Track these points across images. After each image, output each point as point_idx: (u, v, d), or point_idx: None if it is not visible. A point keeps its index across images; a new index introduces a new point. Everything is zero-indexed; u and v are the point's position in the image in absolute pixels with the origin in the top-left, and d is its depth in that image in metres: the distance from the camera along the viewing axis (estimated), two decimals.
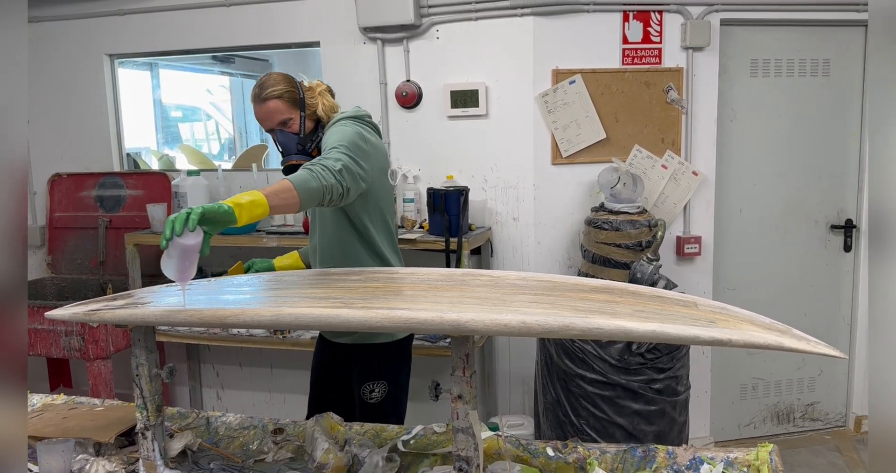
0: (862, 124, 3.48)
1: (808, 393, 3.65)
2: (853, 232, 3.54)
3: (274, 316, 1.23)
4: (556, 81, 3.13)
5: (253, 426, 1.83)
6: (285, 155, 2.14)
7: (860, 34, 3.41)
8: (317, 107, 2.16)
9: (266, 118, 2.11)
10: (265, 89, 2.08)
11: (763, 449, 1.44)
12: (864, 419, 3.61)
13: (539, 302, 1.33)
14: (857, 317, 3.59)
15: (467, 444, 1.35)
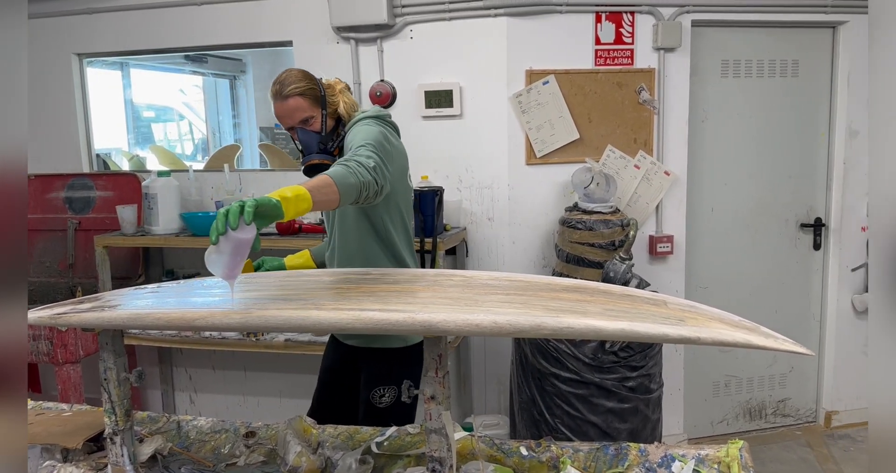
0: (830, 124, 3.54)
1: (780, 390, 3.70)
2: (822, 230, 3.60)
3: (243, 319, 1.21)
4: (530, 82, 3.14)
5: (224, 429, 1.81)
6: (306, 154, 2.09)
7: (828, 35, 3.47)
8: (338, 106, 2.12)
9: (287, 116, 2.06)
10: (286, 86, 2.04)
11: (733, 446, 1.45)
12: (833, 414, 3.67)
13: (511, 301, 1.33)
14: (826, 314, 3.65)
15: (440, 445, 1.35)
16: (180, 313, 1.31)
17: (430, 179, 3.18)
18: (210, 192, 3.45)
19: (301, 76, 2.08)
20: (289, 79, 2.05)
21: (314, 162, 2.06)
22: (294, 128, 2.08)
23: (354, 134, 2.00)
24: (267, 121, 5.03)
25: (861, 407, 3.69)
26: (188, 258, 3.58)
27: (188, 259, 3.58)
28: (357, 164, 1.71)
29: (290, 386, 3.57)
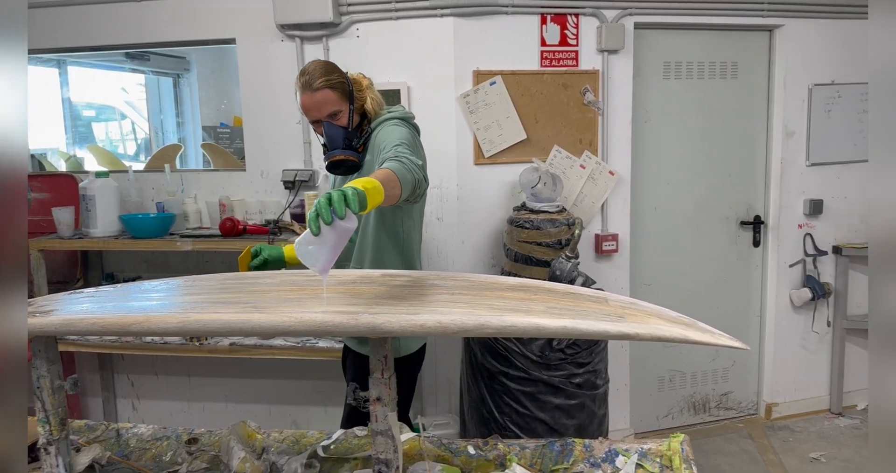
0: (768, 124, 3.66)
1: (722, 383, 3.80)
2: (761, 227, 3.72)
3: (180, 323, 1.18)
4: (478, 82, 3.15)
5: (166, 436, 1.77)
6: (331, 148, 2.04)
7: (765, 38, 3.58)
8: (365, 102, 2.08)
9: (315, 108, 2.01)
10: (317, 78, 1.99)
11: (675, 440, 1.48)
12: (773, 406, 3.79)
13: (456, 301, 1.34)
14: (766, 309, 3.77)
15: (387, 447, 1.34)
16: (115, 318, 1.27)
17: None
18: (151, 193, 3.36)
19: (331, 68, 2.03)
20: (319, 71, 2.00)
21: (339, 157, 2.02)
22: (320, 121, 2.03)
23: (387, 133, 1.99)
24: (211, 120, 4.92)
25: (799, 399, 3.82)
26: (129, 261, 3.48)
27: (129, 262, 3.48)
28: (410, 162, 1.71)
29: (236, 391, 3.50)
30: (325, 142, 2.05)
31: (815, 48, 3.55)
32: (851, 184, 3.72)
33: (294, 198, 3.17)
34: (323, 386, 3.42)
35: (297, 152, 3.25)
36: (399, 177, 1.58)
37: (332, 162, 2.04)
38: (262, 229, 3.00)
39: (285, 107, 3.23)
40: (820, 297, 3.68)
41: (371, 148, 2.07)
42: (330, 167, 2.06)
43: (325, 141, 2.05)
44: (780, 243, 3.67)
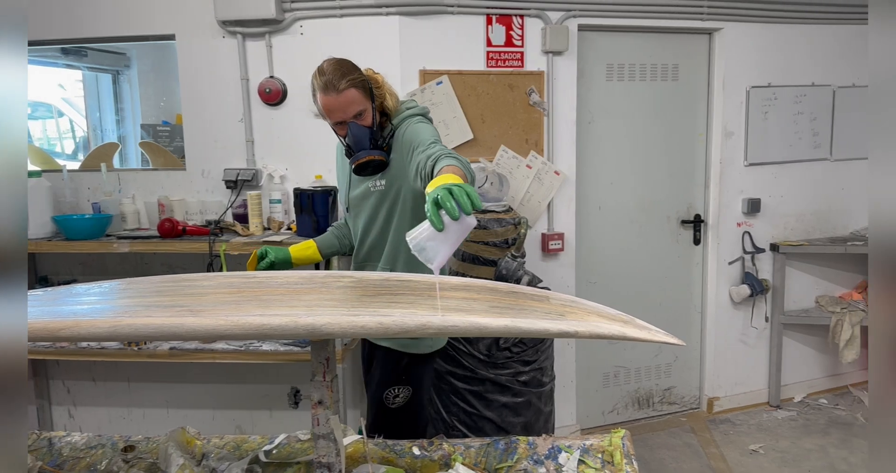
0: (707, 125, 3.75)
1: (665, 379, 3.89)
2: (701, 226, 3.81)
3: (111, 328, 1.14)
4: (424, 82, 3.14)
5: (101, 444, 1.71)
6: (358, 149, 1.97)
7: (705, 41, 3.67)
8: (385, 99, 2.03)
9: (341, 109, 1.94)
10: (341, 77, 1.92)
11: (616, 435, 1.50)
12: (715, 400, 3.89)
13: (399, 302, 1.32)
14: (706, 305, 3.87)
15: (329, 450, 1.33)
16: (43, 323, 1.22)
17: (324, 179, 3.13)
18: (86, 193, 3.25)
19: (352, 66, 1.98)
20: (341, 70, 1.94)
21: (370, 158, 1.96)
22: (344, 122, 1.96)
23: (416, 131, 1.96)
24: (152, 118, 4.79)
25: (739, 393, 3.94)
26: (63, 263, 3.35)
27: (63, 264, 3.35)
28: (464, 159, 1.71)
29: (177, 397, 3.41)
30: (351, 143, 1.98)
31: (753, 51, 3.66)
32: (787, 183, 3.85)
33: (236, 197, 3.10)
34: (268, 389, 3.36)
35: (240, 151, 3.19)
36: (466, 174, 1.61)
37: (363, 163, 1.97)
38: (203, 230, 2.92)
39: (227, 104, 3.16)
40: (758, 293, 3.79)
41: (398, 146, 2.01)
42: (358, 168, 1.99)
43: (349, 141, 1.99)
44: (719, 241, 3.77)
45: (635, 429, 3.72)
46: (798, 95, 3.79)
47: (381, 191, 2.06)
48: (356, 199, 2.15)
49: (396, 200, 2.05)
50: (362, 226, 2.15)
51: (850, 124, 3.93)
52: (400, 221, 2.06)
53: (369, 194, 2.09)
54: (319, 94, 1.96)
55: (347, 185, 2.20)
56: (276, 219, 3.05)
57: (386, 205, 2.07)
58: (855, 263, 4.09)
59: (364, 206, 2.13)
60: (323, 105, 1.96)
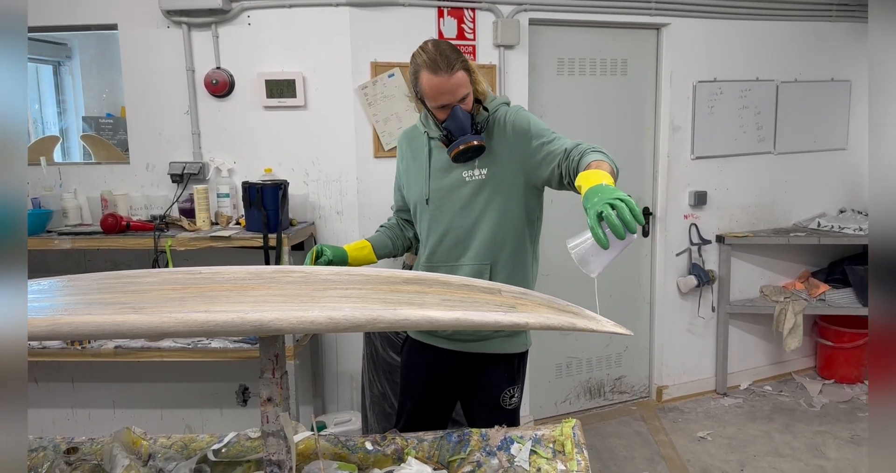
0: (655, 119, 3.81)
1: (616, 368, 3.95)
2: (650, 218, 3.88)
3: (49, 327, 1.10)
4: (376, 74, 3.12)
5: (42, 447, 1.66)
6: (458, 135, 1.85)
7: (653, 36, 3.73)
8: (480, 84, 1.92)
9: (451, 91, 1.82)
10: (453, 59, 1.81)
11: (567, 425, 1.52)
12: (664, 389, 3.97)
13: (349, 296, 1.31)
14: (654, 296, 3.94)
15: (279, 448, 1.30)
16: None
17: (274, 172, 3.08)
18: (25, 188, 3.13)
19: (457, 48, 1.86)
20: (451, 51, 1.83)
21: (472, 144, 1.85)
22: (449, 105, 1.85)
23: (528, 118, 1.92)
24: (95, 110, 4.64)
25: (687, 381, 4.03)
26: None
27: None
28: (607, 152, 1.69)
29: (124, 396, 3.33)
30: (452, 128, 1.86)
31: (699, 46, 3.74)
32: (732, 176, 3.95)
33: (182, 191, 3.03)
34: (217, 387, 3.30)
35: (186, 144, 3.11)
36: (614, 168, 1.61)
37: (465, 148, 1.85)
38: (148, 225, 2.85)
39: (172, 96, 3.08)
40: (705, 284, 3.89)
41: (499, 132, 1.93)
42: (459, 154, 1.87)
43: (451, 126, 1.86)
44: (667, 233, 3.85)
45: (587, 419, 3.77)
46: (743, 90, 3.89)
47: (480, 180, 1.94)
48: (442, 191, 1.99)
49: (498, 189, 1.93)
50: (447, 221, 1.99)
51: (793, 118, 4.05)
52: (502, 211, 1.95)
53: (462, 184, 1.95)
54: (426, 74, 1.83)
55: (426, 178, 2.02)
56: (224, 213, 2.99)
57: (484, 195, 1.94)
58: (798, 254, 4.22)
59: (453, 198, 1.98)
60: (430, 86, 1.83)
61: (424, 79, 1.84)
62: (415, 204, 2.09)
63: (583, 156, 1.71)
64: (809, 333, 4.26)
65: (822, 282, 4.06)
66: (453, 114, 1.85)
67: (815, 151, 4.16)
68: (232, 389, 3.26)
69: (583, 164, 1.68)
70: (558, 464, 1.42)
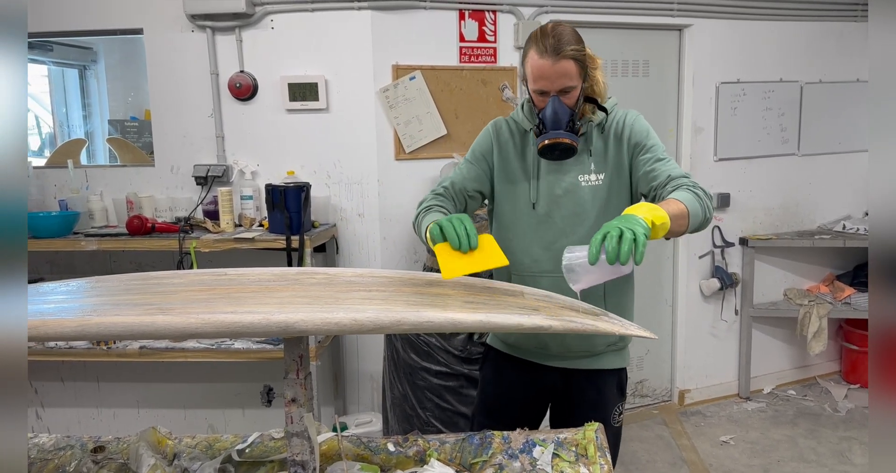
0: (678, 121, 3.79)
1: (637, 371, 3.93)
2: None
3: (79, 327, 1.12)
4: (397, 77, 3.13)
5: (70, 446, 1.67)
6: (551, 127, 1.71)
7: (675, 37, 3.71)
8: (596, 83, 1.80)
9: (552, 78, 1.68)
10: (566, 44, 1.66)
11: (589, 428, 1.51)
12: (686, 392, 3.94)
13: (373, 298, 1.32)
14: (677, 299, 3.91)
15: (302, 448, 1.31)
16: None
17: (296, 174, 3.10)
18: (53, 190, 3.18)
19: (578, 37, 1.71)
20: (571, 37, 1.68)
21: (563, 140, 1.71)
22: (547, 93, 1.72)
23: (647, 129, 1.82)
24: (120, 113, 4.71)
25: (710, 385, 3.99)
26: (30, 262, 3.28)
27: (30, 263, 3.28)
28: (705, 195, 1.59)
29: (148, 396, 3.37)
30: (546, 119, 1.73)
31: (722, 47, 3.71)
32: (756, 178, 3.91)
33: (206, 194, 3.06)
34: (240, 388, 3.33)
35: (210, 146, 3.15)
36: (690, 216, 1.49)
37: (551, 144, 1.72)
38: (173, 227, 2.88)
39: (197, 99, 3.12)
40: (728, 287, 3.85)
41: (614, 135, 1.83)
42: (546, 149, 1.73)
43: (546, 116, 1.73)
44: (689, 235, 3.81)
45: None
46: (766, 91, 3.85)
47: (597, 185, 1.81)
48: (554, 196, 1.82)
49: (616, 195, 1.82)
50: (557, 228, 1.83)
51: (818, 120, 4.00)
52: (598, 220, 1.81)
53: (578, 188, 1.81)
54: (533, 55, 1.70)
55: (531, 179, 1.86)
56: (247, 215, 3.02)
57: (600, 201, 1.81)
58: (822, 256, 4.17)
59: (565, 203, 1.82)
60: (533, 68, 1.70)
61: (529, 58, 1.72)
62: (512, 206, 1.89)
63: (674, 190, 1.62)
64: (834, 337, 4.20)
65: (848, 286, 4.00)
66: (550, 104, 1.72)
67: (840, 153, 4.10)
68: (254, 389, 3.29)
69: (665, 196, 1.61)
70: (581, 468, 1.42)
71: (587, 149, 1.82)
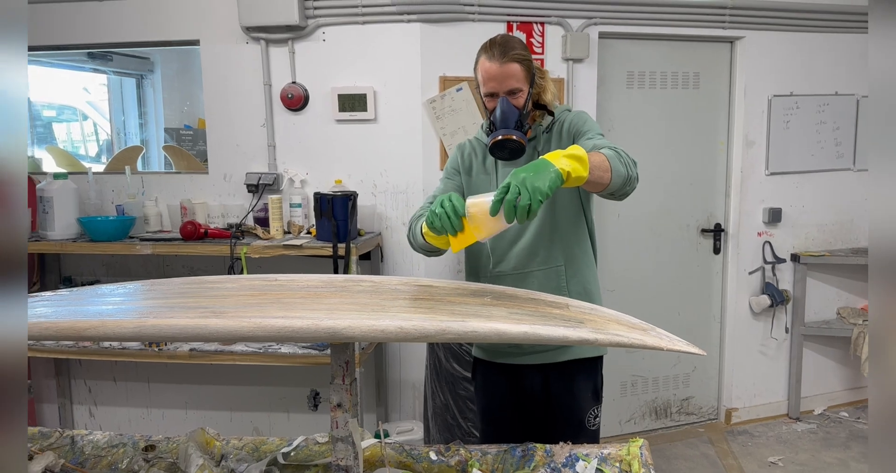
0: (728, 134, 3.73)
1: (684, 389, 3.86)
2: (722, 235, 3.79)
3: (136, 328, 1.16)
4: (444, 88, 3.16)
5: (122, 443, 1.73)
6: (500, 127, 1.84)
7: (726, 50, 3.66)
8: (544, 91, 1.96)
9: (500, 79, 1.84)
10: (510, 49, 1.84)
11: (634, 444, 1.50)
12: (733, 411, 3.85)
13: (418, 306, 1.33)
14: (726, 315, 3.84)
15: (347, 453, 1.33)
16: (69, 323, 1.24)
17: (344, 183, 3.15)
18: (111, 196, 3.30)
19: (524, 46, 1.90)
20: (513, 43, 1.86)
21: (509, 137, 1.83)
22: (496, 95, 1.86)
23: (583, 118, 1.93)
24: (175, 121, 4.85)
25: (758, 404, 3.90)
26: (87, 264, 3.40)
27: (87, 265, 3.41)
28: (626, 155, 1.67)
29: (196, 398, 3.45)
30: (495, 120, 1.86)
31: (775, 60, 3.64)
32: (809, 193, 3.82)
33: (257, 201, 3.13)
34: (285, 392, 3.38)
35: (262, 155, 3.22)
36: (612, 167, 1.58)
37: (500, 141, 1.84)
38: (225, 233, 2.96)
39: (250, 109, 3.20)
40: (778, 304, 3.76)
41: (557, 135, 1.95)
42: (495, 147, 1.86)
43: (494, 118, 1.86)
44: (739, 250, 3.74)
45: (652, 439, 3.69)
46: (821, 104, 3.76)
47: None
48: None
49: (562, 191, 1.92)
50: (516, 229, 1.96)
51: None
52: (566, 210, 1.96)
53: None
54: (483, 60, 1.87)
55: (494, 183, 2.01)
56: (295, 222, 3.08)
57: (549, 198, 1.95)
58: None
59: None
60: (483, 71, 1.87)
61: (480, 64, 1.89)
62: None
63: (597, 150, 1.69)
64: None
65: None
66: (498, 104, 1.85)
67: None
68: (298, 394, 3.34)
69: None
70: None
71: (536, 151, 1.95)
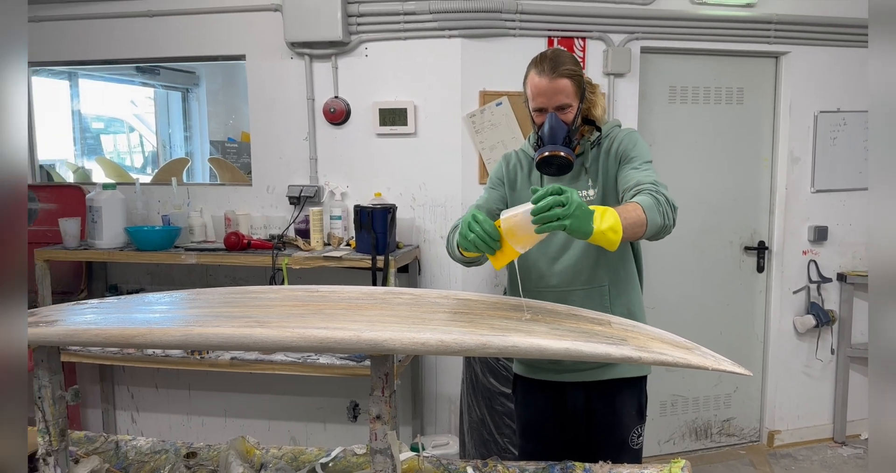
0: (773, 150, 3.67)
1: (725, 409, 3.77)
2: (766, 253, 3.71)
3: (183, 336, 1.19)
4: (484, 103, 3.18)
5: (165, 450, 1.76)
6: (548, 142, 1.82)
7: (771, 65, 3.60)
8: (593, 106, 1.94)
9: (549, 94, 1.82)
10: (561, 64, 1.81)
11: (675, 465, 1.47)
12: (776, 433, 3.75)
13: (458, 320, 1.34)
14: (769, 335, 3.75)
15: (385, 465, 1.34)
16: (118, 330, 1.27)
17: (383, 196, 3.18)
18: (157, 206, 3.38)
19: (575, 60, 1.87)
20: (563, 58, 1.84)
21: (557, 153, 1.79)
22: (545, 109, 1.84)
23: (634, 140, 1.89)
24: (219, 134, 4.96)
25: (802, 427, 3.79)
26: (133, 273, 3.49)
27: (133, 274, 3.49)
28: (667, 202, 1.64)
29: (235, 406, 3.49)
30: (543, 135, 1.84)
31: (821, 75, 3.57)
32: (856, 211, 3.72)
33: (299, 213, 3.18)
34: (323, 402, 3.41)
35: (304, 168, 3.28)
36: (648, 220, 1.56)
37: (547, 157, 1.81)
38: (267, 244, 3.01)
39: (293, 123, 3.26)
40: (824, 324, 3.66)
41: (605, 150, 1.92)
42: (542, 163, 1.83)
43: (543, 133, 1.84)
44: (784, 269, 3.66)
45: (692, 460, 3.61)
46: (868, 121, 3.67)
47: (591, 200, 1.90)
48: None
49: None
50: (560, 242, 1.93)
51: None
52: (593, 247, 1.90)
53: None
54: (532, 74, 1.85)
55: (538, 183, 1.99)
56: (336, 235, 3.11)
57: None
58: None
59: None
60: (532, 87, 1.84)
61: (529, 78, 1.86)
62: None
63: (636, 194, 1.67)
64: None
65: None
66: (547, 119, 1.83)
67: None
68: (335, 404, 3.36)
69: (627, 200, 1.65)
70: None
71: (584, 167, 1.93)
